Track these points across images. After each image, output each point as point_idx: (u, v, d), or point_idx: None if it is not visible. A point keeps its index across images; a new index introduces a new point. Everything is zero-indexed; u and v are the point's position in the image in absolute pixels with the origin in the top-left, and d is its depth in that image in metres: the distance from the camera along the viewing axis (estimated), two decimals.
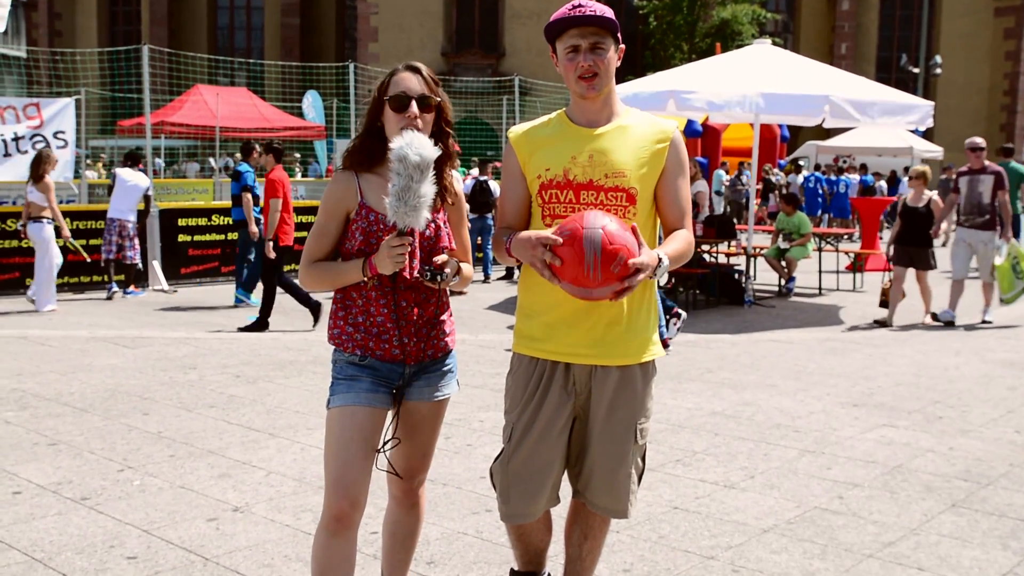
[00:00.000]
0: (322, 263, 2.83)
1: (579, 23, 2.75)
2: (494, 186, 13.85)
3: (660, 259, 2.69)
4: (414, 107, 2.75)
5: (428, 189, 2.61)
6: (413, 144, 2.61)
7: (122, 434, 5.58)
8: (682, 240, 2.83)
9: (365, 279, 2.76)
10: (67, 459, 5.08)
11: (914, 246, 10.26)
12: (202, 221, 13.25)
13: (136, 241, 11.71)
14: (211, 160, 24.74)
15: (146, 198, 11.94)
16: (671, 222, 2.89)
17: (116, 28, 48.79)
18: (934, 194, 10.47)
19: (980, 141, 10.52)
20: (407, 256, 2.68)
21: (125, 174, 11.82)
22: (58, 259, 10.68)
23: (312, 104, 23.54)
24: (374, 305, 2.81)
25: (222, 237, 13.30)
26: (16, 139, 12.77)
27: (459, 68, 40.34)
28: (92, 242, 12.07)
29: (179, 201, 16.20)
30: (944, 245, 14.76)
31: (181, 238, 12.93)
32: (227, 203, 12.84)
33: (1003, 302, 10.25)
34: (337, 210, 2.82)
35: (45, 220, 10.50)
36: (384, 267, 2.71)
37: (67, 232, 10.76)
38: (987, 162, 10.46)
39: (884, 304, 10.39)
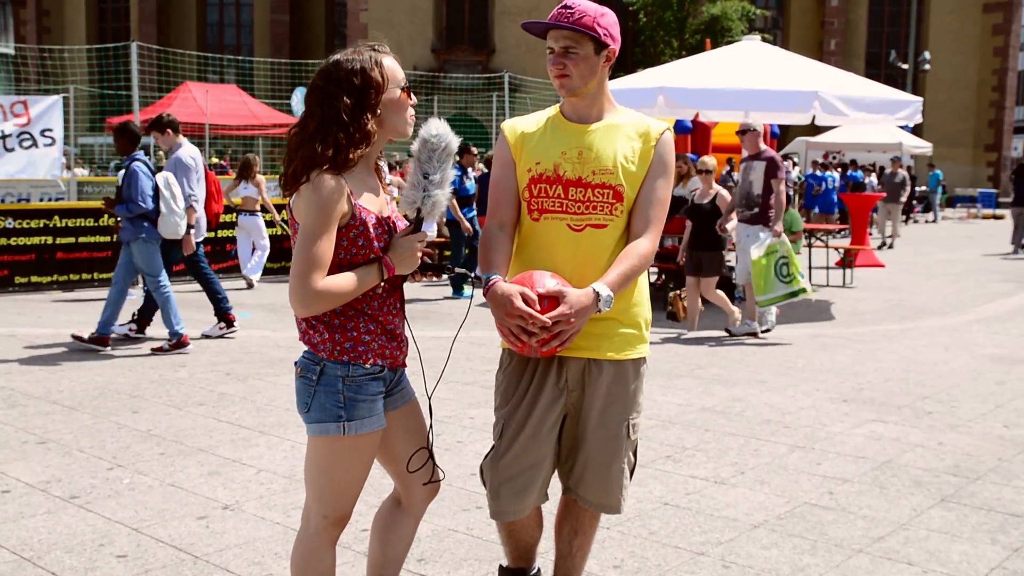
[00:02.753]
0: (333, 278, 2.49)
1: (551, 27, 2.79)
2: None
3: (597, 293, 2.69)
4: (412, 96, 2.67)
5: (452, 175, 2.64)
6: (448, 131, 2.58)
7: (111, 432, 5.56)
8: (634, 257, 2.78)
9: (382, 283, 2.58)
10: (56, 457, 5.06)
11: (701, 249, 8.98)
12: None
13: None
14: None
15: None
16: (635, 229, 2.85)
17: (105, 25, 48.58)
18: (721, 188, 9.26)
19: (749, 123, 9.05)
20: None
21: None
22: (266, 242, 12.71)
23: (302, 101, 23.54)
24: (380, 311, 2.62)
25: (211, 235, 13.22)
26: (3, 137, 12.71)
27: (449, 65, 40.31)
28: (81, 240, 12.03)
29: None
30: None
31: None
32: None
33: (758, 304, 8.84)
34: (338, 215, 2.50)
35: (258, 212, 12.55)
36: (406, 266, 2.59)
37: (279, 218, 12.81)
38: (763, 146, 9.00)
39: (672, 316, 9.43)
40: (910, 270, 15.69)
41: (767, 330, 9.00)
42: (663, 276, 12.06)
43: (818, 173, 23.87)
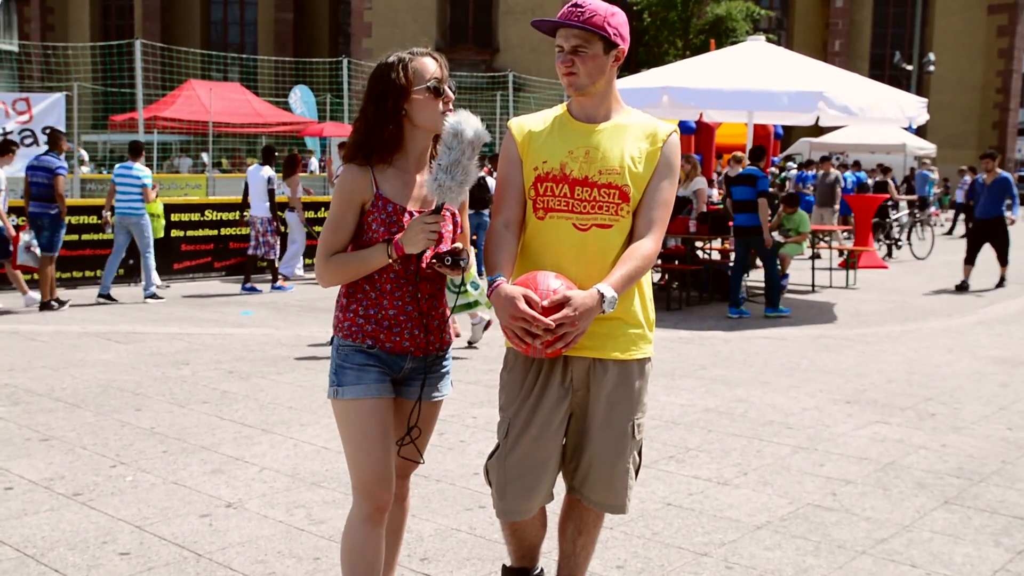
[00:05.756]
0: (342, 255, 2.77)
1: (562, 25, 2.79)
2: (491, 183, 13.83)
3: (602, 295, 2.68)
4: (449, 92, 2.78)
5: (475, 168, 2.67)
6: (469, 121, 2.65)
7: (114, 430, 5.56)
8: (637, 259, 2.78)
9: (391, 261, 2.72)
10: (59, 455, 5.07)
11: None
12: (195, 216, 13.22)
13: (268, 237, 11.88)
14: (203, 155, 24.66)
15: (270, 192, 11.83)
16: (639, 230, 2.85)
17: (109, 22, 48.64)
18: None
19: None
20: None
21: (252, 169, 12.24)
22: (300, 237, 12.96)
23: (301, 99, 23.46)
24: (388, 298, 2.78)
25: (215, 232, 13.28)
26: (5, 134, 12.71)
27: (453, 64, 39.52)
28: (84, 237, 12.03)
29: (172, 197, 16.14)
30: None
31: (174, 233, 12.88)
32: (220, 199, 12.85)
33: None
34: (354, 201, 2.75)
35: (295, 210, 12.77)
36: (414, 246, 2.70)
37: (302, 215, 12.85)
38: None
39: None
40: (913, 271, 15.67)
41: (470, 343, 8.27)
42: (666, 276, 12.06)
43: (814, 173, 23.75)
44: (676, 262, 11.64)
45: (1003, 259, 13.28)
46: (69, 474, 4.75)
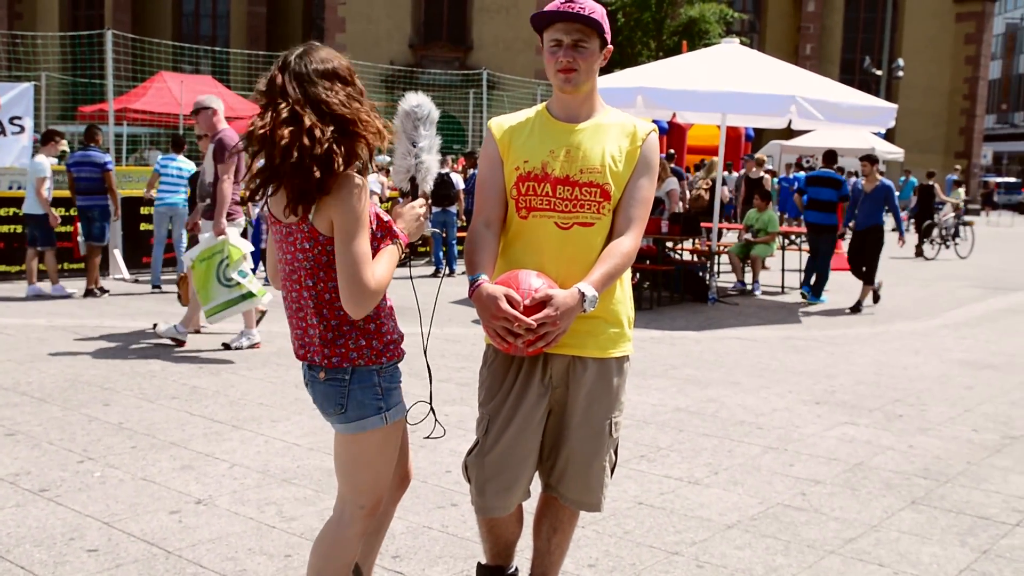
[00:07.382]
0: (377, 266, 2.51)
1: (564, 18, 2.77)
2: (456, 179, 13.85)
3: (583, 294, 2.69)
4: None
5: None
6: (426, 101, 2.66)
7: (82, 425, 5.50)
8: (617, 256, 2.79)
9: (402, 256, 2.65)
10: (25, 450, 5.00)
11: None
12: None
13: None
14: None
15: None
16: (618, 227, 2.85)
17: (78, 12, 48.00)
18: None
19: (203, 100, 8.05)
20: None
21: None
22: None
23: None
24: (388, 300, 2.68)
25: None
26: None
27: (426, 61, 40.19)
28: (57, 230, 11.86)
29: (141, 189, 15.96)
30: None
31: (143, 227, 12.75)
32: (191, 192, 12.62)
33: (206, 315, 7.59)
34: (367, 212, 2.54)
35: None
36: (416, 233, 2.69)
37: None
38: (221, 126, 7.81)
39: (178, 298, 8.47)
40: (881, 274, 15.82)
41: (252, 345, 7.90)
42: (638, 276, 12.10)
43: (789, 175, 23.86)
44: (648, 262, 11.69)
45: (870, 277, 11.46)
46: (35, 469, 4.69)
